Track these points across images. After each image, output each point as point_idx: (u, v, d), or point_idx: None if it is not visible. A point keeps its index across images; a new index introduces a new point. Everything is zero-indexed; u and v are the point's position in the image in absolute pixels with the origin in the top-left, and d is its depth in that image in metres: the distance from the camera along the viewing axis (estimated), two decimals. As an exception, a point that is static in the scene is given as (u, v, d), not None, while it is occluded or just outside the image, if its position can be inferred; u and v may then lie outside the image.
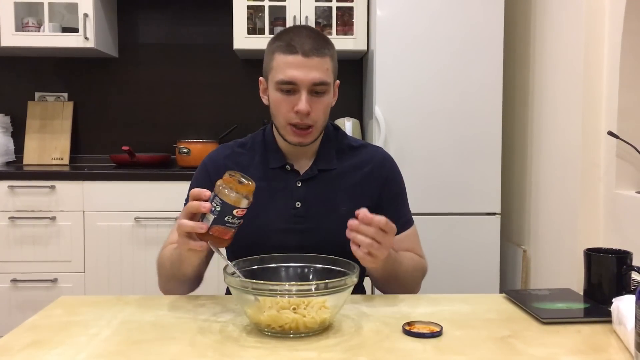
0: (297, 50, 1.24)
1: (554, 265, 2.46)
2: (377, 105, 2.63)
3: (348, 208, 1.32)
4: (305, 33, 1.27)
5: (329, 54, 1.28)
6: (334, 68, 1.31)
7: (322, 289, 0.94)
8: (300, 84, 1.25)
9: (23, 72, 3.25)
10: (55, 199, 2.69)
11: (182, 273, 1.20)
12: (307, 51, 1.24)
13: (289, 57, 1.24)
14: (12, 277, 2.67)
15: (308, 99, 1.25)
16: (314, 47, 1.25)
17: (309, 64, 1.24)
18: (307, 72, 1.24)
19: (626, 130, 2.01)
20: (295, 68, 1.24)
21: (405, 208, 1.42)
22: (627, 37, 2.00)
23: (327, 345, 0.92)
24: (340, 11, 2.99)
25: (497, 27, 2.64)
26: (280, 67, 1.26)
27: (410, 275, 1.30)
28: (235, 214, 1.02)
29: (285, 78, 1.25)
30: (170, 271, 1.23)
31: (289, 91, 1.26)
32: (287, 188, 1.34)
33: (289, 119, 1.28)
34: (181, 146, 2.97)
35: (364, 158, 1.40)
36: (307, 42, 1.25)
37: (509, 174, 2.87)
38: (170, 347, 0.92)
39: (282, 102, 1.28)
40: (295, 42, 1.25)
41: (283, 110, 1.28)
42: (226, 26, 3.03)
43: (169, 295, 1.26)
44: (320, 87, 1.26)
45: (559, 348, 0.92)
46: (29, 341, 0.94)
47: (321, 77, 1.25)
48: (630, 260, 1.12)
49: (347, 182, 1.36)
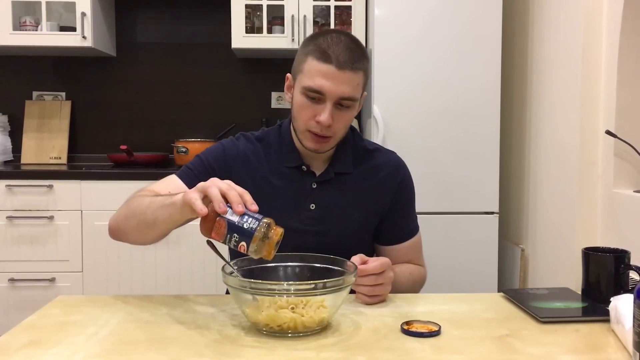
0: (331, 59, 1.20)
1: (552, 264, 2.46)
2: (375, 104, 2.63)
3: (360, 214, 1.34)
4: (343, 42, 1.22)
5: (362, 68, 1.24)
6: (364, 83, 1.28)
7: (321, 289, 0.94)
8: (327, 95, 1.21)
9: (21, 71, 3.24)
10: (53, 198, 2.68)
11: (155, 224, 1.11)
12: (341, 63, 1.19)
13: (322, 65, 1.20)
14: (10, 277, 2.67)
15: (332, 111, 1.22)
16: (350, 59, 1.20)
17: (341, 77, 1.20)
18: (337, 85, 1.20)
19: (624, 129, 2.02)
20: (326, 78, 1.20)
21: (413, 214, 1.44)
22: (625, 36, 2.00)
23: (325, 345, 0.92)
24: (339, 10, 2.99)
25: (495, 26, 2.64)
26: (311, 73, 1.22)
27: (410, 289, 1.32)
28: (239, 248, 0.96)
29: (313, 86, 1.21)
30: (144, 217, 1.13)
31: (314, 99, 1.23)
32: (302, 189, 1.32)
33: (309, 126, 1.25)
34: (179, 145, 2.97)
35: (379, 163, 1.39)
36: (344, 53, 1.20)
37: (507, 173, 2.88)
38: (168, 346, 0.91)
39: (306, 107, 1.24)
40: (331, 51, 1.20)
41: (305, 117, 1.25)
42: (224, 25, 3.02)
43: (118, 231, 1.21)
44: (347, 101, 1.23)
45: (557, 347, 0.92)
46: (27, 341, 0.94)
47: (350, 92, 1.22)
48: (628, 259, 1.12)
49: (361, 186, 1.35)
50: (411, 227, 1.40)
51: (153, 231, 1.14)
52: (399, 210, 1.38)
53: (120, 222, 1.21)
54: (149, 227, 1.13)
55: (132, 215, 1.17)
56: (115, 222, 1.22)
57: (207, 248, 1.19)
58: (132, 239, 1.20)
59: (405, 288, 1.29)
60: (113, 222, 1.23)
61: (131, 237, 1.20)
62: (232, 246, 0.96)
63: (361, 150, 1.39)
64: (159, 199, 1.11)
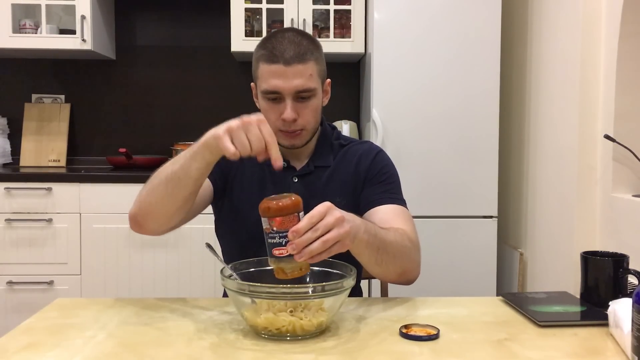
0: (278, 59, 1.24)
1: (551, 268, 2.46)
2: (374, 108, 2.64)
3: (342, 198, 1.35)
4: (287, 39, 1.26)
5: (312, 58, 1.27)
6: (319, 71, 1.30)
7: (319, 292, 0.94)
8: (283, 92, 1.26)
9: (20, 74, 3.24)
10: (52, 201, 2.68)
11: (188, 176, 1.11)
12: (288, 59, 1.24)
13: (271, 66, 1.25)
14: (8, 279, 2.66)
15: (293, 106, 1.27)
16: (296, 54, 1.24)
17: (291, 72, 1.24)
18: (289, 81, 1.25)
19: (623, 134, 2.02)
20: (277, 77, 1.25)
21: (395, 189, 1.38)
22: (623, 41, 2.00)
23: (324, 348, 0.92)
24: (338, 14, 3.00)
25: (495, 30, 2.64)
26: (264, 77, 1.27)
27: (400, 245, 1.19)
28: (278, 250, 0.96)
29: (268, 88, 1.26)
30: (173, 176, 1.13)
31: (275, 99, 1.28)
32: (283, 183, 1.36)
33: (278, 125, 1.30)
34: (178, 148, 2.97)
35: (355, 151, 1.42)
36: (289, 49, 1.25)
37: (506, 177, 2.88)
38: (166, 349, 0.91)
39: (269, 110, 1.30)
40: (276, 51, 1.25)
41: (272, 118, 1.29)
42: (224, 29, 3.03)
43: (141, 214, 1.18)
44: (305, 93, 1.27)
45: (556, 351, 0.92)
46: (25, 343, 0.93)
47: (304, 84, 1.26)
48: (626, 264, 1.12)
49: (340, 174, 1.39)
50: (392, 196, 1.35)
51: (186, 187, 1.13)
52: (372, 178, 1.38)
53: (143, 201, 1.19)
54: (180, 184, 1.12)
55: (158, 185, 1.16)
56: (136, 207, 1.20)
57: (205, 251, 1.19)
58: (159, 213, 1.18)
59: (393, 239, 1.17)
60: (134, 208, 1.21)
61: (157, 212, 1.18)
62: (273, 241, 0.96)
63: (337, 146, 1.43)
64: (182, 154, 1.13)
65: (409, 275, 1.23)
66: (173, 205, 1.17)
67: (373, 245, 1.11)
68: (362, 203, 1.36)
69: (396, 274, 1.21)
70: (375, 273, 1.21)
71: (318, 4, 2.98)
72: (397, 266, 1.19)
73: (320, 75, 1.31)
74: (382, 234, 1.14)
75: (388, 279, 1.27)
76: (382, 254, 1.14)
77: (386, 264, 1.16)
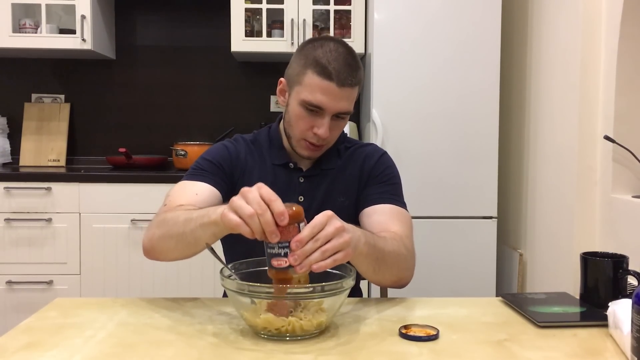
0: (332, 77, 1.23)
1: (551, 269, 2.46)
2: (374, 108, 2.64)
3: (346, 198, 1.37)
4: (342, 57, 1.25)
5: (359, 81, 1.29)
6: (359, 93, 1.33)
7: (319, 292, 0.94)
8: (326, 110, 1.26)
9: (20, 74, 3.25)
10: (52, 200, 2.68)
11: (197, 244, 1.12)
12: (342, 80, 1.23)
13: (323, 82, 1.23)
14: (8, 279, 2.66)
15: (330, 124, 1.27)
16: (349, 77, 1.24)
17: (341, 94, 1.24)
18: (337, 102, 1.25)
19: (622, 135, 2.02)
20: (326, 95, 1.24)
21: (396, 191, 1.38)
22: (623, 42, 2.00)
23: (323, 348, 0.92)
24: (338, 14, 3.00)
25: (494, 30, 2.65)
26: (312, 88, 1.24)
27: (397, 254, 1.19)
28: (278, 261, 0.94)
29: (314, 101, 1.25)
30: (183, 237, 1.13)
31: (313, 111, 1.27)
32: (290, 183, 1.37)
33: (306, 136, 1.30)
34: (178, 148, 2.97)
35: (357, 155, 1.43)
36: (344, 69, 1.24)
37: (506, 177, 2.88)
38: (166, 349, 0.91)
39: (303, 118, 1.28)
40: (332, 67, 1.23)
41: (302, 127, 1.29)
42: (224, 29, 3.03)
43: (155, 252, 1.19)
44: (344, 114, 1.29)
45: (555, 352, 0.92)
46: (24, 343, 0.93)
47: (348, 107, 1.28)
48: (626, 264, 1.12)
49: (344, 175, 1.40)
50: (392, 197, 1.35)
51: (195, 248, 1.15)
52: (375, 179, 1.39)
53: (156, 242, 1.19)
54: (190, 246, 1.14)
55: (169, 236, 1.16)
56: (150, 243, 1.20)
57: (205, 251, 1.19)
58: (172, 257, 1.20)
59: (390, 248, 1.16)
60: (148, 242, 1.21)
61: (171, 255, 1.19)
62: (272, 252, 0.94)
63: (342, 148, 1.44)
64: (195, 217, 1.09)
65: (402, 282, 1.24)
66: (185, 255, 1.18)
67: (372, 256, 1.11)
68: (361, 201, 1.37)
69: (391, 281, 1.23)
70: (371, 280, 1.22)
71: (318, 4, 2.98)
72: (392, 274, 1.20)
73: (358, 96, 1.34)
74: (380, 244, 1.14)
75: (382, 284, 1.29)
76: (379, 264, 1.14)
77: (382, 272, 1.17)
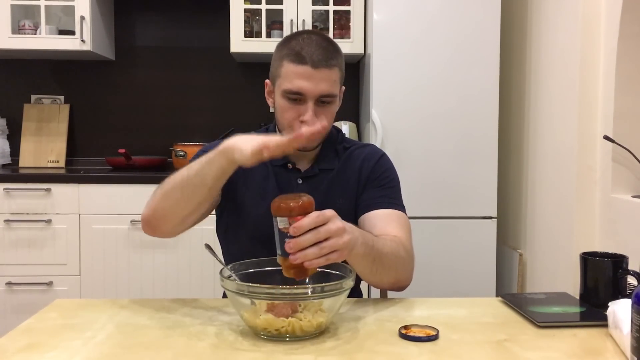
0: (306, 60, 1.24)
1: (550, 269, 2.46)
2: (373, 108, 2.64)
3: (344, 201, 1.35)
4: (315, 42, 1.26)
5: (337, 64, 1.28)
6: (341, 78, 1.32)
7: (319, 292, 0.94)
8: (307, 95, 1.25)
9: (19, 75, 3.24)
10: (51, 201, 2.68)
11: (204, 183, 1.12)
12: (316, 62, 1.23)
13: (298, 67, 1.24)
14: (8, 280, 2.66)
15: (314, 109, 1.26)
16: (324, 58, 1.24)
17: (318, 75, 1.24)
18: (315, 84, 1.24)
19: (622, 134, 2.02)
20: (304, 79, 1.24)
21: (394, 194, 1.38)
22: (623, 42, 2.00)
23: (323, 349, 0.92)
24: (337, 15, 3.00)
25: (494, 31, 2.65)
26: (289, 76, 1.26)
27: (395, 256, 1.20)
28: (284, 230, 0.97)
29: (293, 88, 1.25)
30: (189, 181, 1.14)
31: (296, 100, 1.27)
32: (288, 184, 1.36)
33: (295, 127, 1.29)
34: (178, 149, 2.97)
35: (356, 156, 1.42)
36: (317, 52, 1.24)
37: (506, 177, 2.88)
38: (165, 350, 0.91)
39: (289, 109, 1.28)
40: (305, 52, 1.24)
41: (288, 118, 1.29)
42: (223, 29, 3.03)
43: (156, 216, 1.19)
44: (327, 98, 1.28)
45: (555, 352, 0.92)
46: (24, 344, 0.93)
47: (329, 89, 1.26)
48: (626, 264, 1.12)
49: (343, 177, 1.39)
50: (391, 201, 1.36)
51: (202, 192, 1.14)
52: (373, 182, 1.38)
53: (157, 204, 1.20)
54: (195, 189, 1.14)
55: (173, 188, 1.17)
56: (150, 210, 1.21)
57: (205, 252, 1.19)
58: (175, 217, 1.19)
59: (389, 250, 1.17)
60: (147, 211, 1.21)
61: (173, 214, 1.18)
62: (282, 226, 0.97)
63: (341, 149, 1.43)
64: (198, 161, 1.12)
65: (401, 284, 1.24)
66: (187, 209, 1.17)
67: (369, 257, 1.11)
68: (360, 205, 1.36)
69: (389, 284, 1.23)
70: (369, 282, 1.22)
71: (317, 5, 2.98)
72: (390, 277, 1.20)
73: (341, 81, 1.33)
74: (378, 245, 1.14)
75: (380, 287, 1.29)
76: (377, 265, 1.14)
77: (380, 274, 1.17)
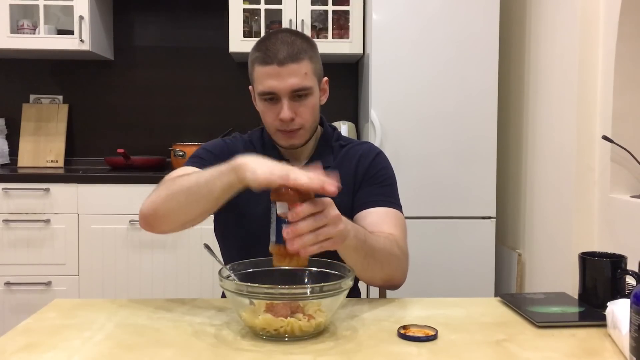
0: (272, 60, 1.26)
1: (549, 269, 2.46)
2: (372, 108, 2.64)
3: (341, 198, 1.34)
4: (280, 40, 1.27)
5: (306, 56, 1.28)
6: (314, 69, 1.31)
7: (317, 292, 0.94)
8: (279, 92, 1.27)
9: (18, 75, 3.24)
10: (50, 201, 2.68)
11: (211, 194, 1.11)
12: (281, 60, 1.25)
13: (266, 67, 1.27)
14: (6, 280, 2.66)
15: (290, 105, 1.28)
16: (289, 53, 1.26)
17: (285, 72, 1.25)
18: (284, 81, 1.26)
19: (621, 135, 2.02)
20: (272, 78, 1.26)
21: (391, 193, 1.38)
22: (621, 42, 2.01)
23: (322, 349, 0.92)
24: (336, 15, 3.00)
25: (493, 31, 2.65)
26: (259, 79, 1.29)
27: (388, 253, 1.20)
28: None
29: (264, 89, 1.28)
30: (196, 189, 1.12)
31: (271, 99, 1.29)
32: None
33: (276, 126, 1.31)
34: (176, 149, 2.97)
35: (352, 154, 1.42)
36: (282, 49, 1.26)
37: (504, 177, 2.88)
38: (164, 350, 0.91)
39: (267, 111, 1.31)
40: (270, 52, 1.26)
41: (270, 119, 1.32)
42: (222, 29, 3.03)
43: (157, 215, 1.18)
44: (301, 92, 1.28)
45: (554, 352, 0.92)
46: (23, 344, 0.93)
47: (299, 82, 1.27)
48: (624, 264, 1.12)
49: (339, 174, 1.38)
50: (386, 199, 1.36)
51: (206, 203, 1.13)
52: (370, 180, 1.38)
53: (160, 203, 1.18)
54: (201, 198, 1.12)
55: (179, 191, 1.15)
56: (151, 208, 1.19)
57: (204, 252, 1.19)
58: (176, 218, 1.18)
59: (382, 246, 1.17)
60: (148, 209, 1.20)
61: (175, 216, 1.18)
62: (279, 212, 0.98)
63: (337, 147, 1.44)
64: (209, 170, 1.11)
65: (394, 282, 1.24)
66: (190, 215, 1.17)
67: (361, 251, 1.11)
68: (356, 203, 1.36)
69: (382, 280, 1.23)
70: (361, 278, 1.22)
71: (316, 5, 2.98)
72: (383, 273, 1.20)
73: (316, 73, 1.32)
74: (371, 240, 1.14)
75: (373, 283, 1.28)
76: (369, 260, 1.14)
77: (372, 270, 1.18)
